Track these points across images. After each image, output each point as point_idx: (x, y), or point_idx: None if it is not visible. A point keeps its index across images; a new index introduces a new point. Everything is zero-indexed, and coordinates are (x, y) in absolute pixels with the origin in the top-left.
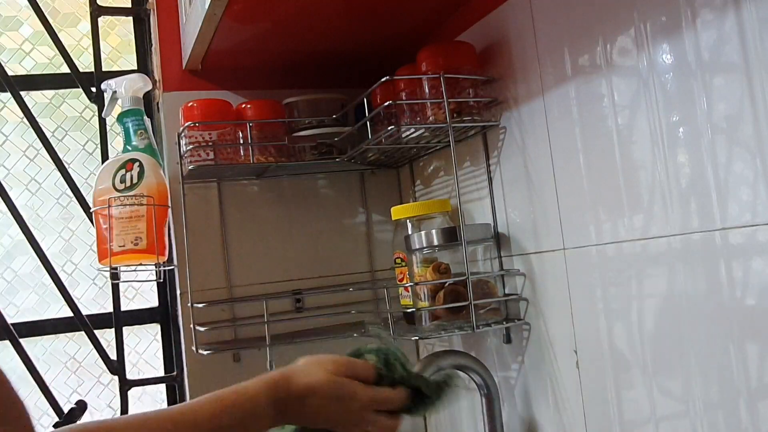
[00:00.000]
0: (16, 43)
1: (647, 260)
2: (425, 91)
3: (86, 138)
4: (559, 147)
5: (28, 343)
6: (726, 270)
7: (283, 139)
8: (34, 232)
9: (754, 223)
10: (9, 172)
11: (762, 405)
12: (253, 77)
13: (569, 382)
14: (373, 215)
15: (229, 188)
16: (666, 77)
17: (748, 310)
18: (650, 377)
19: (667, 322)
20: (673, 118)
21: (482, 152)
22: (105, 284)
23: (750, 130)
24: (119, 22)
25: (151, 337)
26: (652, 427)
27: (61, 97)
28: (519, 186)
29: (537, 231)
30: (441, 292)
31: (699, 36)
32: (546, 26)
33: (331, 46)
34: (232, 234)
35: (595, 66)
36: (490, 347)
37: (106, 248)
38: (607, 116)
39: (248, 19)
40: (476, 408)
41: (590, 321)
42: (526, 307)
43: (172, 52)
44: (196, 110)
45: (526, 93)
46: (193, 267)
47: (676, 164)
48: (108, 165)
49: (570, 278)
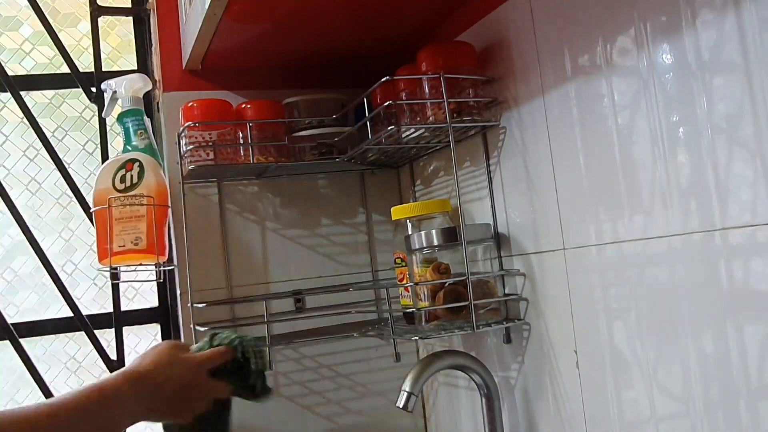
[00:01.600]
0: (16, 43)
1: (647, 260)
2: (425, 91)
3: (86, 138)
4: (559, 147)
5: (28, 343)
6: (726, 270)
7: (283, 139)
8: (34, 232)
9: (754, 223)
10: (9, 172)
11: (762, 405)
12: (253, 77)
13: (569, 382)
14: (373, 215)
15: (229, 188)
16: (666, 77)
17: (748, 310)
18: (650, 377)
19: (667, 322)
20: (673, 118)
21: (482, 152)
22: (105, 284)
23: (750, 130)
24: (119, 22)
25: (151, 337)
26: (652, 427)
27: (61, 97)
28: (519, 186)
29: (537, 231)
30: (441, 292)
31: (699, 36)
32: (546, 26)
33: (331, 46)
34: (232, 234)
35: (595, 66)
36: (490, 347)
37: (106, 248)
38: (607, 116)
39: (248, 19)
40: (476, 408)
41: (590, 321)
42: (526, 307)
43: (172, 52)
44: (196, 110)
45: (526, 93)
46: (193, 267)
47: (676, 164)
48: (108, 165)
49: (570, 278)
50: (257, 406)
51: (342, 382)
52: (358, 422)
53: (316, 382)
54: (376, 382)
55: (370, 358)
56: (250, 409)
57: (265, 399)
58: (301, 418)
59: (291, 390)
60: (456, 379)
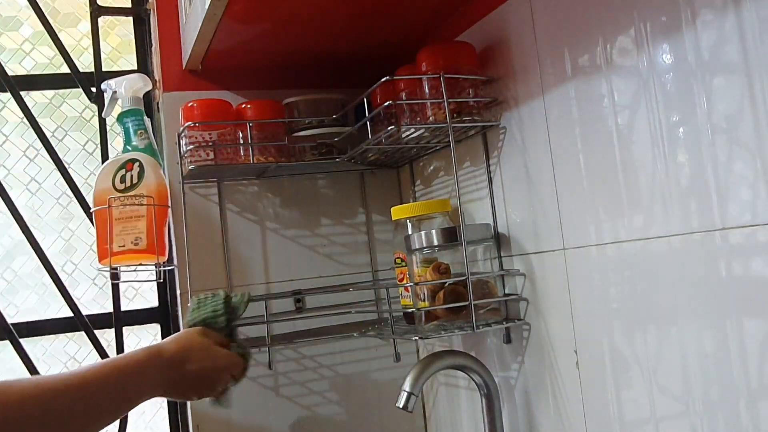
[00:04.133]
0: (16, 43)
1: (647, 260)
2: (425, 91)
3: (86, 138)
4: (559, 147)
5: (28, 343)
6: (726, 270)
7: (283, 139)
8: (34, 232)
9: (754, 223)
10: (9, 172)
11: (762, 405)
12: (253, 77)
13: (569, 382)
14: (373, 215)
15: (229, 188)
16: (666, 77)
17: (748, 310)
18: (650, 377)
19: (666, 322)
20: (673, 118)
21: (482, 152)
22: (105, 284)
23: (750, 130)
24: (119, 22)
25: (151, 337)
26: (652, 427)
27: (61, 97)
28: (519, 186)
29: (537, 231)
30: (441, 292)
31: (699, 36)
32: (546, 26)
33: (331, 46)
34: (232, 234)
35: (595, 66)
36: (490, 347)
37: (106, 248)
38: (607, 116)
39: (248, 19)
40: (476, 408)
41: (590, 321)
42: (526, 307)
43: (172, 52)
44: (196, 110)
45: (526, 93)
46: (193, 267)
47: (676, 164)
48: (108, 165)
49: (570, 278)
50: (257, 406)
51: (342, 382)
52: (358, 422)
53: (316, 382)
54: (376, 382)
55: (370, 358)
56: (250, 409)
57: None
58: (301, 418)
59: (291, 390)
60: (456, 379)
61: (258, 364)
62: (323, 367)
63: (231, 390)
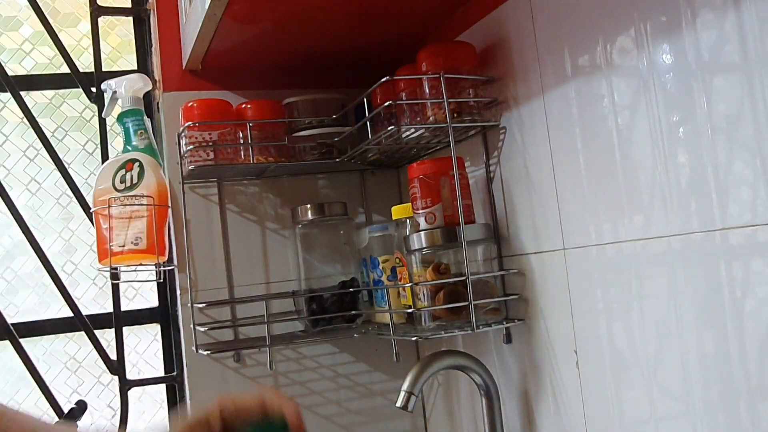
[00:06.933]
0: (16, 43)
1: (647, 260)
2: (425, 91)
3: (86, 138)
4: (559, 147)
5: (28, 343)
6: (726, 270)
7: (283, 139)
8: (34, 232)
9: (754, 223)
10: (9, 172)
11: (762, 405)
12: (253, 77)
13: (569, 382)
14: (373, 215)
15: (229, 188)
16: (666, 77)
17: (748, 310)
18: (650, 377)
19: (667, 322)
20: (673, 118)
21: (482, 152)
22: (105, 284)
23: (750, 130)
24: (119, 22)
25: (151, 337)
26: (652, 427)
27: (61, 97)
28: (519, 186)
29: (537, 231)
30: (441, 292)
31: (699, 36)
32: (546, 26)
33: (331, 46)
34: (232, 234)
35: (595, 66)
36: (490, 347)
37: (106, 248)
38: (607, 116)
39: (248, 19)
40: (476, 408)
41: (590, 321)
42: (526, 307)
43: (172, 52)
44: (196, 110)
45: (526, 93)
46: (193, 267)
47: (676, 164)
48: (108, 165)
49: (570, 278)
50: None
51: (342, 382)
52: (358, 422)
53: (316, 382)
54: (376, 382)
55: (370, 358)
56: None
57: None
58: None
59: (291, 390)
60: (456, 379)
61: (258, 364)
62: (323, 367)
63: None
